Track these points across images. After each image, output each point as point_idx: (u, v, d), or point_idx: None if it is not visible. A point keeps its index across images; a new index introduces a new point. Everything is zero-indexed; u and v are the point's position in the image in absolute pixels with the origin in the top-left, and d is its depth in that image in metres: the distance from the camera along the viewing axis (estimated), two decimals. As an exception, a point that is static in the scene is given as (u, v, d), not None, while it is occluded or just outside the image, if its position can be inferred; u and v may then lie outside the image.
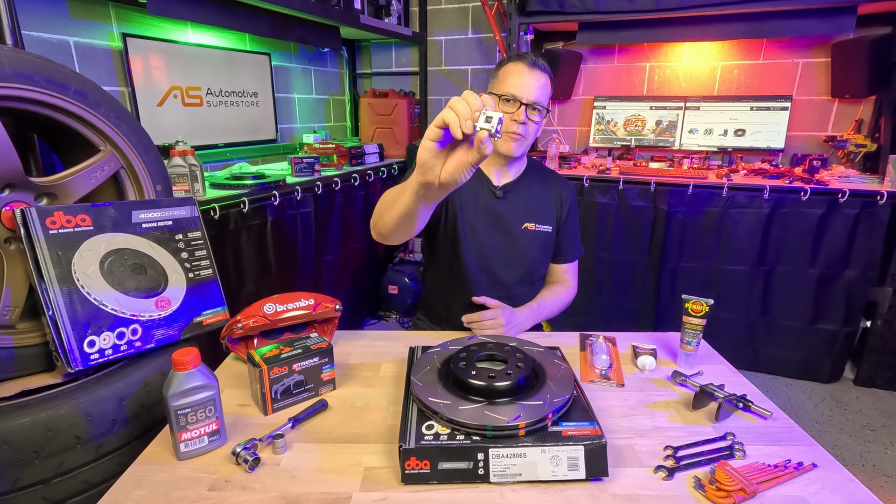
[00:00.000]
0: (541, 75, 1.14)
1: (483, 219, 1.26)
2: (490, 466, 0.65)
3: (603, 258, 2.49)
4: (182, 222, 0.99)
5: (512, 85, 1.13)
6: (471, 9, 2.97)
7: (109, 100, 0.97)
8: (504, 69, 1.16)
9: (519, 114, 1.13)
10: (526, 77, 1.13)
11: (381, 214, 0.95)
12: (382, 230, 0.96)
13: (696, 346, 0.97)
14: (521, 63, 1.14)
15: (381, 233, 0.98)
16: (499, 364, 0.80)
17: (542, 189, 1.30)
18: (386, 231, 0.94)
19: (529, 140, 1.19)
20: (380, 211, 0.96)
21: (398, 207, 0.84)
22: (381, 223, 0.95)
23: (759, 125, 2.55)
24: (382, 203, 0.95)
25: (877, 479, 1.72)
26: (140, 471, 0.69)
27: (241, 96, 2.33)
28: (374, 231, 1.01)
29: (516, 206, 1.27)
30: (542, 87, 1.15)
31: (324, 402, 0.83)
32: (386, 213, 0.91)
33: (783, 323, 2.31)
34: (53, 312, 0.80)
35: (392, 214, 0.87)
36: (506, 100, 1.14)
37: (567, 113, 3.01)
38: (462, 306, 1.27)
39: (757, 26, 2.28)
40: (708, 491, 0.64)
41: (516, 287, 1.29)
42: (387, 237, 0.97)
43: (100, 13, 1.73)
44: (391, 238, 0.97)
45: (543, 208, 1.29)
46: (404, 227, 0.89)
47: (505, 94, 1.14)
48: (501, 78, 1.16)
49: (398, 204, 0.84)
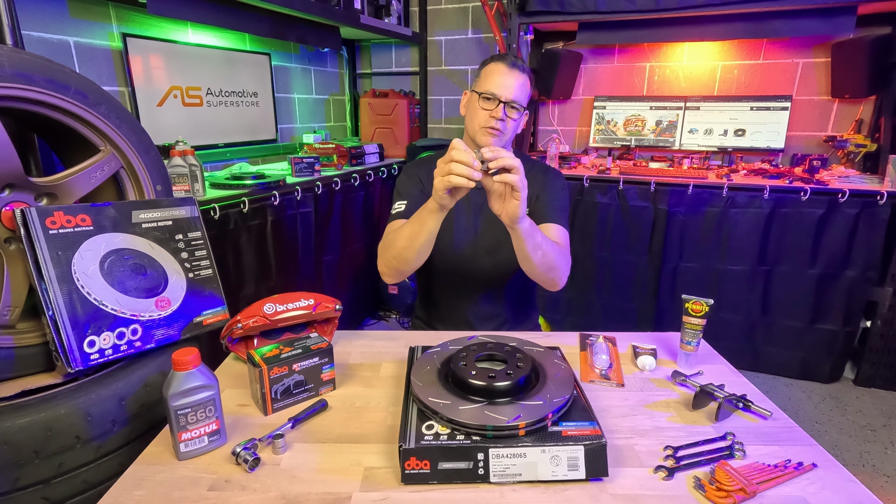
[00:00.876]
0: (519, 75, 1.18)
1: (464, 209, 1.27)
2: (490, 466, 0.65)
3: (603, 258, 2.49)
4: (182, 222, 0.99)
5: (492, 83, 1.17)
6: (471, 9, 2.97)
7: (109, 100, 0.97)
8: (486, 69, 1.21)
9: (497, 111, 1.16)
10: (505, 76, 1.17)
11: (399, 256, 1.06)
12: (405, 267, 1.08)
13: (696, 346, 0.97)
14: (501, 63, 1.19)
15: (402, 270, 1.10)
16: (499, 364, 0.80)
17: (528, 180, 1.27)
18: (409, 267, 1.08)
19: (507, 136, 1.21)
20: (396, 254, 1.07)
21: (422, 238, 1.00)
22: (401, 262, 1.07)
23: (759, 125, 2.55)
24: (397, 245, 1.06)
25: (877, 479, 1.72)
26: (140, 471, 0.69)
27: (241, 96, 2.33)
28: (391, 274, 1.12)
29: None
30: (521, 87, 1.18)
31: (324, 402, 0.83)
32: (407, 251, 1.04)
33: (783, 323, 2.31)
34: (53, 312, 0.80)
35: (415, 248, 1.02)
36: (486, 98, 1.18)
37: (567, 113, 3.01)
38: (448, 302, 1.29)
39: (757, 26, 2.28)
40: (708, 491, 0.64)
41: (504, 277, 1.27)
42: (407, 272, 1.10)
43: (100, 13, 1.73)
44: (411, 271, 1.10)
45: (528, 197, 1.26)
46: (425, 250, 1.03)
47: (485, 91, 1.18)
48: (483, 77, 1.21)
49: (421, 236, 0.99)
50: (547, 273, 1.09)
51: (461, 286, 1.27)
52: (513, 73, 1.18)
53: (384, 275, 1.14)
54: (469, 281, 1.26)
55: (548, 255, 1.05)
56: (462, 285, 1.27)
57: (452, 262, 1.26)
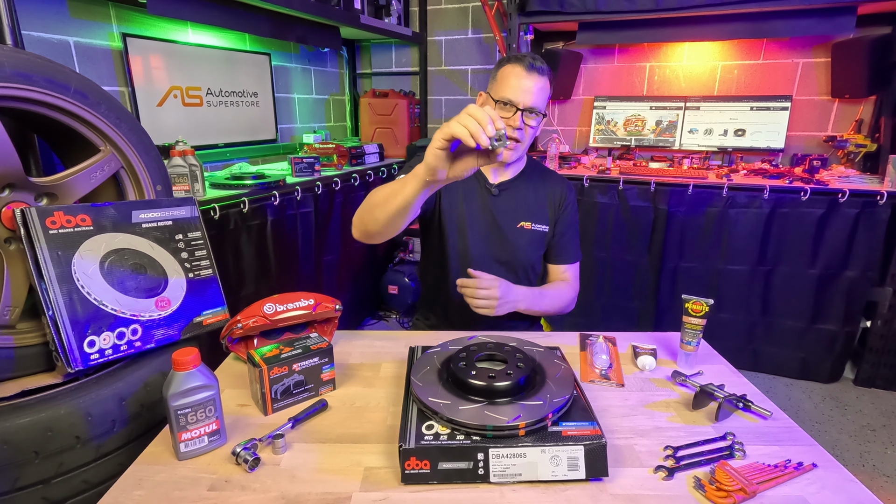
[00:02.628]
0: (539, 78, 1.11)
1: (477, 217, 1.25)
2: (490, 466, 0.65)
3: (603, 258, 2.49)
4: (182, 222, 0.99)
5: (509, 89, 1.11)
6: (471, 9, 2.97)
7: (109, 100, 0.97)
8: (502, 70, 1.14)
9: (515, 119, 1.11)
10: (523, 80, 1.11)
11: (370, 211, 0.96)
12: (372, 227, 0.97)
13: (696, 346, 0.97)
14: (518, 66, 1.11)
15: (368, 230, 0.99)
16: (499, 364, 0.80)
17: (541, 188, 1.29)
18: (376, 227, 0.96)
19: (526, 144, 1.19)
20: (369, 208, 0.97)
21: (396, 202, 0.88)
22: (370, 219, 0.97)
23: (759, 125, 2.55)
24: (372, 201, 0.97)
25: (877, 479, 1.72)
26: (140, 471, 0.69)
27: (241, 96, 2.33)
28: (358, 230, 1.03)
29: (512, 203, 1.26)
30: (541, 91, 1.12)
31: (324, 402, 0.83)
32: (378, 210, 0.93)
33: (783, 323, 2.31)
34: (53, 312, 0.80)
35: (387, 210, 0.91)
36: (503, 104, 1.12)
37: (567, 113, 3.01)
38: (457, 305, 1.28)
39: (757, 26, 2.28)
40: (708, 491, 0.64)
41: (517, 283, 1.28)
42: (373, 234, 0.99)
43: (100, 13, 1.73)
44: (377, 235, 0.99)
45: (540, 207, 1.28)
46: (398, 220, 0.92)
47: (502, 98, 1.12)
48: (500, 80, 1.14)
49: (396, 199, 0.88)
50: (555, 314, 1.29)
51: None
52: (531, 76, 1.10)
53: (353, 227, 1.05)
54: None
55: (548, 310, 1.25)
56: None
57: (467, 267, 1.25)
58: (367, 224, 0.99)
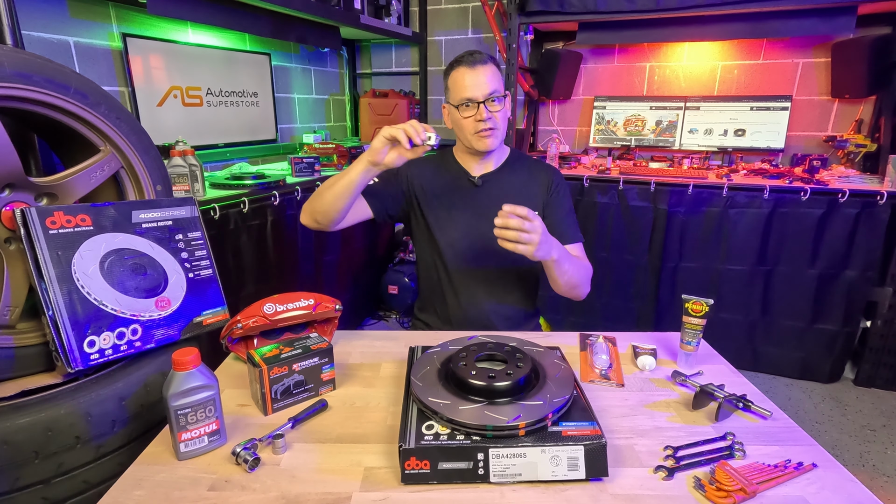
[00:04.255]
0: (483, 67, 1.15)
1: (462, 210, 1.26)
2: (490, 466, 0.65)
3: (603, 258, 2.49)
4: (182, 222, 0.99)
5: (463, 90, 1.15)
6: (471, 9, 2.97)
7: (109, 100, 0.97)
8: (450, 78, 1.19)
9: (480, 112, 1.15)
10: (469, 77, 1.15)
11: (319, 195, 1.14)
12: (318, 207, 1.14)
13: (696, 346, 0.97)
14: (461, 67, 1.16)
15: (314, 208, 1.15)
16: (499, 364, 0.80)
17: (525, 176, 1.28)
18: (322, 208, 1.13)
19: (502, 128, 1.20)
20: (319, 192, 1.15)
21: (343, 182, 1.09)
22: (318, 201, 1.14)
23: (759, 125, 2.55)
24: (322, 185, 1.15)
25: (877, 479, 1.72)
26: (140, 471, 0.69)
27: (241, 96, 2.33)
28: (306, 213, 1.19)
29: (497, 192, 1.25)
30: (491, 77, 1.16)
31: (324, 402, 0.83)
32: (327, 191, 1.12)
33: (783, 323, 2.31)
34: (53, 312, 0.80)
35: (334, 190, 1.10)
36: (465, 105, 1.16)
37: (567, 113, 3.01)
38: (449, 302, 1.29)
39: (757, 26, 2.28)
40: (708, 491, 0.64)
41: (501, 279, 1.27)
42: (318, 215, 1.15)
43: (100, 13, 1.73)
44: (322, 215, 1.14)
45: (527, 194, 1.26)
46: (343, 198, 1.10)
47: (461, 101, 1.16)
48: (452, 87, 1.19)
49: (343, 179, 1.09)
50: (572, 290, 1.20)
51: (467, 287, 1.26)
52: (476, 70, 1.15)
53: (301, 213, 1.20)
54: (475, 282, 1.26)
55: (573, 277, 1.15)
56: (468, 287, 1.26)
57: (458, 262, 1.25)
58: (314, 204, 1.15)
